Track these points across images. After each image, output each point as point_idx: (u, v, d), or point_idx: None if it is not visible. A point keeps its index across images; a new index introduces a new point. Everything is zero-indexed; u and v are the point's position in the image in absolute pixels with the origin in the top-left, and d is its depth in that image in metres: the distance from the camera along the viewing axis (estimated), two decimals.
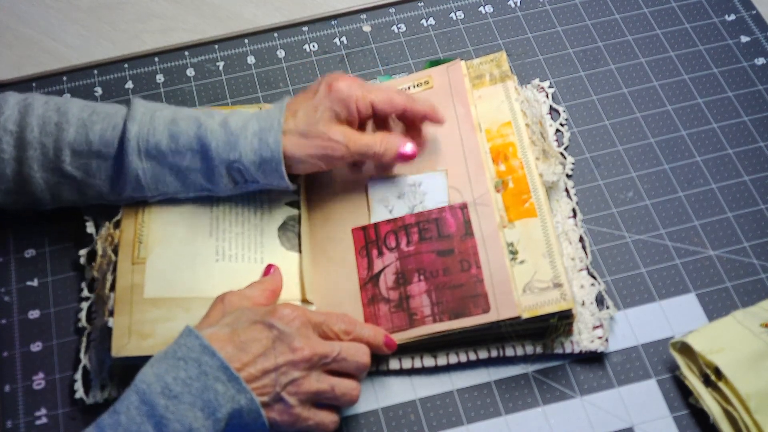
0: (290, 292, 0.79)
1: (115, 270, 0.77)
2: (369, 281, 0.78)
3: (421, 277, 0.77)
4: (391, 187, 0.82)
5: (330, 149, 0.77)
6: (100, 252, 0.80)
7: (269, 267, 0.79)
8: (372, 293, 0.78)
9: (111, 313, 0.74)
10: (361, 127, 0.81)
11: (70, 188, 0.79)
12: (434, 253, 0.78)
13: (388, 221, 0.81)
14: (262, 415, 0.67)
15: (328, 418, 0.71)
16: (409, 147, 0.80)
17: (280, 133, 0.76)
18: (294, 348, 0.68)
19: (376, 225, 0.81)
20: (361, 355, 0.72)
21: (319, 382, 0.69)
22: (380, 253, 0.79)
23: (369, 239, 0.80)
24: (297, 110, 0.78)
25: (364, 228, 0.81)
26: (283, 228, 0.82)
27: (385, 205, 0.81)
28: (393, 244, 0.79)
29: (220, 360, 0.66)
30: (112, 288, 0.76)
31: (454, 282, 0.76)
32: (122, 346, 0.73)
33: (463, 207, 0.79)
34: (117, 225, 0.81)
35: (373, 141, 0.79)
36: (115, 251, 0.78)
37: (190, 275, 0.78)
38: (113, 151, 0.77)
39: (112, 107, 0.80)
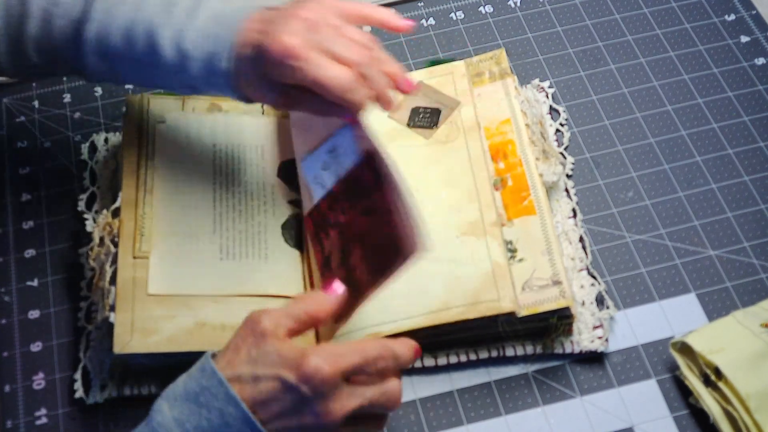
0: (294, 289, 0.79)
1: (114, 262, 0.77)
2: (324, 266, 0.76)
3: (356, 244, 0.73)
4: (316, 162, 0.79)
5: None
6: (96, 241, 0.79)
7: (330, 283, 0.70)
8: (327, 278, 0.75)
9: (112, 308, 0.74)
10: None
11: (42, 73, 0.83)
12: (360, 214, 0.73)
13: (324, 198, 0.77)
14: None
15: None
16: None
17: (232, 62, 0.72)
18: (318, 413, 0.62)
19: (317, 206, 0.78)
20: (391, 401, 0.65)
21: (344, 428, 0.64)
22: (327, 234, 0.76)
23: (317, 223, 0.78)
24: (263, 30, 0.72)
25: (310, 213, 0.79)
26: (286, 225, 0.82)
27: (319, 183, 0.78)
28: (332, 219, 0.76)
29: (243, 412, 0.61)
30: (113, 281, 0.76)
31: (380, 237, 0.71)
32: (125, 343, 0.73)
33: (369, 154, 0.74)
34: (115, 213, 0.79)
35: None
36: (114, 242, 0.78)
37: (194, 273, 0.78)
38: (72, 51, 0.76)
39: None
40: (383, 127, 0.87)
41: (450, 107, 0.87)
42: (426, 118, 0.87)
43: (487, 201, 0.80)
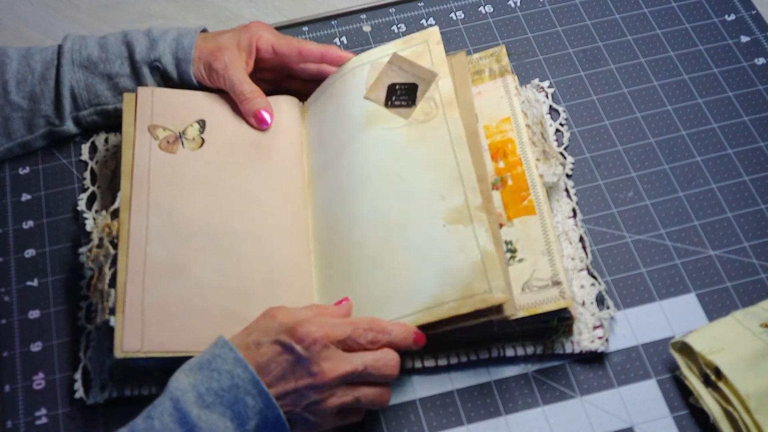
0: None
1: (113, 264, 0.76)
2: None
3: None
4: None
5: (213, 59, 0.86)
6: (96, 242, 0.79)
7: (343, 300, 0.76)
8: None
9: (112, 311, 0.74)
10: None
11: (20, 120, 0.87)
12: None
13: None
14: (288, 430, 0.67)
15: (352, 417, 0.72)
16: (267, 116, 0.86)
17: (196, 37, 0.87)
18: (313, 373, 0.67)
19: None
20: (388, 367, 0.70)
21: (344, 396, 0.69)
22: None
23: None
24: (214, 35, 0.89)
25: None
26: None
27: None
28: None
29: (251, 374, 0.66)
30: (112, 283, 0.76)
31: None
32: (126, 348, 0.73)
33: None
34: (114, 215, 0.79)
35: (244, 88, 0.86)
36: (113, 243, 0.78)
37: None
38: (53, 71, 0.87)
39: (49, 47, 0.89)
40: (361, 110, 0.84)
41: (427, 80, 0.83)
42: (403, 96, 0.83)
43: (471, 184, 0.77)
